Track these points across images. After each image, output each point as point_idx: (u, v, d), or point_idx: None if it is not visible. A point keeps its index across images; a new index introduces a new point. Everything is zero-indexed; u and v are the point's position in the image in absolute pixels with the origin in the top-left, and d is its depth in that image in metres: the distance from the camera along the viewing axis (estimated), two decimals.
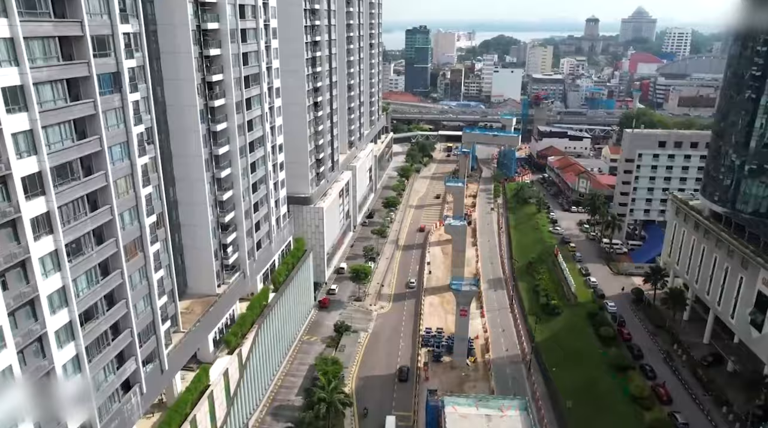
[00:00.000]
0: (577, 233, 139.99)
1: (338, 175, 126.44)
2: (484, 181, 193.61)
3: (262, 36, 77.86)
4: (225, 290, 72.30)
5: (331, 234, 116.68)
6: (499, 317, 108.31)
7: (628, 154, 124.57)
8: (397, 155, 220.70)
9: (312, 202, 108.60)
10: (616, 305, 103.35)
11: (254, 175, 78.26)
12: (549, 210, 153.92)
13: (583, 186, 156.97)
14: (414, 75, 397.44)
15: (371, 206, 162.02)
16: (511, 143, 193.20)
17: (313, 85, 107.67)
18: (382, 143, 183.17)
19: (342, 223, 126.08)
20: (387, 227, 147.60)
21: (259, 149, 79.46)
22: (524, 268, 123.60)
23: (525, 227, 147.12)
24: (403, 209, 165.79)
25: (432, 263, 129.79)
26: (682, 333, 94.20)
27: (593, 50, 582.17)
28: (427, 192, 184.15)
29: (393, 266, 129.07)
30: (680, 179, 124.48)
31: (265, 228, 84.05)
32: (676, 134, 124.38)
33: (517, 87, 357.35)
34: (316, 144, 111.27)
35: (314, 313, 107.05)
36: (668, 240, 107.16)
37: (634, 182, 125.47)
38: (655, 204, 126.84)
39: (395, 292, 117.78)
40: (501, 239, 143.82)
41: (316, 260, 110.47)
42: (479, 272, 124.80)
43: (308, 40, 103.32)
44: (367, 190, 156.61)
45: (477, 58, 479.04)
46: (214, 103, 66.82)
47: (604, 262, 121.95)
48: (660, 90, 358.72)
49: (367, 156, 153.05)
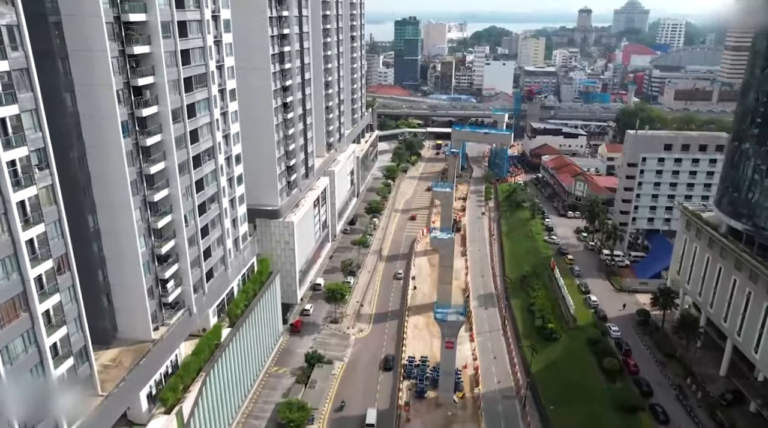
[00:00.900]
0: (574, 242, 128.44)
1: (314, 182, 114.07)
2: (474, 181, 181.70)
3: (210, 29, 65.22)
4: (164, 333, 60.19)
5: (305, 249, 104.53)
6: (490, 341, 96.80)
7: (630, 158, 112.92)
8: (384, 153, 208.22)
9: (281, 215, 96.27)
10: (620, 330, 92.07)
11: (202, 194, 65.90)
12: (544, 216, 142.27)
13: (580, 189, 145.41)
14: (403, 68, 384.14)
15: (353, 212, 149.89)
16: (503, 142, 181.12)
17: (282, 83, 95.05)
18: (366, 142, 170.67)
19: (318, 235, 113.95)
20: (370, 235, 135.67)
21: (207, 162, 67.06)
22: (518, 282, 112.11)
23: (518, 234, 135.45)
24: (388, 214, 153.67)
25: (418, 276, 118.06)
26: (696, 364, 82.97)
27: (586, 42, 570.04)
28: (414, 194, 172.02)
29: (375, 280, 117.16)
30: (687, 184, 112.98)
31: (218, 253, 71.81)
32: (684, 136, 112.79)
33: (509, 80, 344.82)
34: (286, 150, 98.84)
35: (284, 339, 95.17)
36: (677, 256, 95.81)
37: (637, 188, 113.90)
38: (660, 212, 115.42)
39: (376, 312, 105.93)
40: (492, 248, 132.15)
41: (287, 279, 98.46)
42: (468, 287, 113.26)
43: (274, 33, 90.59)
44: (349, 195, 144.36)
45: (468, 50, 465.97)
46: (142, 112, 54.29)
47: (604, 276, 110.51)
48: (655, 83, 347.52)
49: (348, 158, 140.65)
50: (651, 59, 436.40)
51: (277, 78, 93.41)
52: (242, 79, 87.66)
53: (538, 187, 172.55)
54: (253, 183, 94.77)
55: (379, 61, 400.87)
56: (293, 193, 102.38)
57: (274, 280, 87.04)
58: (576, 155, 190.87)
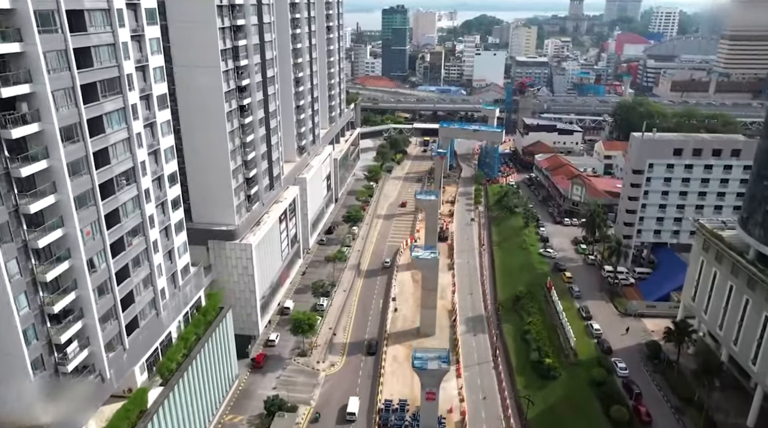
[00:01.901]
0: (572, 255, 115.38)
1: (281, 193, 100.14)
2: (464, 182, 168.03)
3: (123, 22, 51.09)
4: (63, 410, 46.66)
5: (268, 273, 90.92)
6: (479, 375, 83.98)
7: (636, 164, 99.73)
8: (368, 151, 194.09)
9: (238, 235, 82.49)
10: (628, 366, 79.37)
11: (117, 228, 52.18)
12: (538, 223, 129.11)
13: (578, 193, 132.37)
14: (391, 58, 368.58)
15: (331, 220, 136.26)
16: (494, 140, 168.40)
17: (237, 83, 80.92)
18: (346, 141, 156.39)
19: (286, 252, 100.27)
20: (348, 246, 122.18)
21: (126, 188, 53.23)
22: (510, 303, 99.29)
23: (511, 245, 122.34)
24: (370, 220, 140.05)
25: (399, 295, 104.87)
26: (718, 410, 70.53)
27: (578, 30, 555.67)
28: (399, 197, 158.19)
29: (351, 300, 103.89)
30: (699, 194, 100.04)
31: (145, 297, 58.21)
32: (695, 139, 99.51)
33: (500, 71, 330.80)
34: (245, 160, 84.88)
35: (244, 377, 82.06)
36: (691, 279, 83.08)
37: (642, 197, 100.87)
38: (668, 224, 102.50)
39: (351, 340, 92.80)
40: (482, 260, 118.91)
41: (246, 309, 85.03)
42: (455, 308, 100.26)
43: (225, 24, 76.26)
44: (325, 201, 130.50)
45: (458, 40, 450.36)
46: (11, 132, 40.35)
47: (607, 298, 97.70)
48: (649, 73, 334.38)
49: (324, 162, 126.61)
50: (644, 48, 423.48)
51: (231, 77, 79.24)
52: (185, 79, 74.08)
53: (532, 188, 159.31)
54: (205, 200, 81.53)
55: (366, 51, 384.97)
56: (254, 208, 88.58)
57: (227, 315, 73.46)
58: (571, 153, 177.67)
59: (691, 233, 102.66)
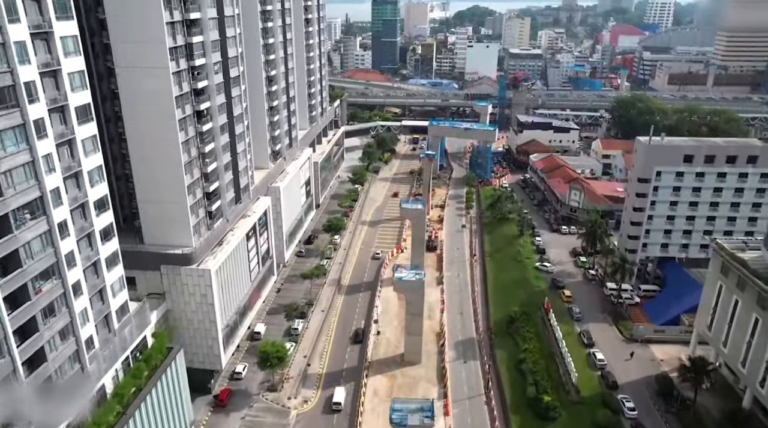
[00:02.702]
0: (571, 268, 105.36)
1: (250, 206, 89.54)
2: (455, 183, 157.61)
3: (16, 15, 40.30)
4: None
5: (233, 298, 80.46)
6: (470, 413, 74.20)
7: (642, 172, 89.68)
8: (354, 150, 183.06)
9: (195, 259, 71.90)
10: (637, 405, 69.67)
11: (18, 275, 41.68)
12: (533, 231, 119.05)
13: (576, 199, 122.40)
14: (382, 50, 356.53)
15: (312, 227, 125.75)
16: (486, 139, 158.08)
17: (192, 86, 70.06)
18: (328, 141, 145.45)
19: (256, 272, 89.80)
20: (329, 258, 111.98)
21: (30, 224, 42.67)
22: (504, 325, 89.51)
23: (504, 256, 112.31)
24: (353, 227, 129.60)
25: (383, 315, 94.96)
26: None
27: (572, 21, 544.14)
28: (385, 201, 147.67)
29: (330, 321, 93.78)
30: (711, 204, 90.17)
31: (64, 351, 47.74)
32: (708, 145, 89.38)
33: (493, 63, 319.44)
34: (203, 172, 74.18)
35: (204, 417, 72.05)
36: (707, 305, 73.39)
37: (649, 208, 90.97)
38: (676, 237, 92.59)
39: (328, 370, 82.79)
40: (474, 273, 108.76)
41: (207, 341, 74.65)
42: (444, 331, 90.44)
43: (175, 18, 65.34)
44: (304, 209, 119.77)
45: (450, 31, 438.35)
46: None
47: (610, 320, 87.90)
48: (646, 66, 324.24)
49: (302, 167, 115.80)
50: (639, 40, 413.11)
51: (184, 79, 68.38)
52: (129, 83, 63.42)
53: (526, 191, 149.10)
54: (157, 220, 70.92)
55: (356, 43, 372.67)
56: (217, 226, 77.98)
57: (177, 357, 63.12)
58: (567, 152, 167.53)
59: (701, 246, 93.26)
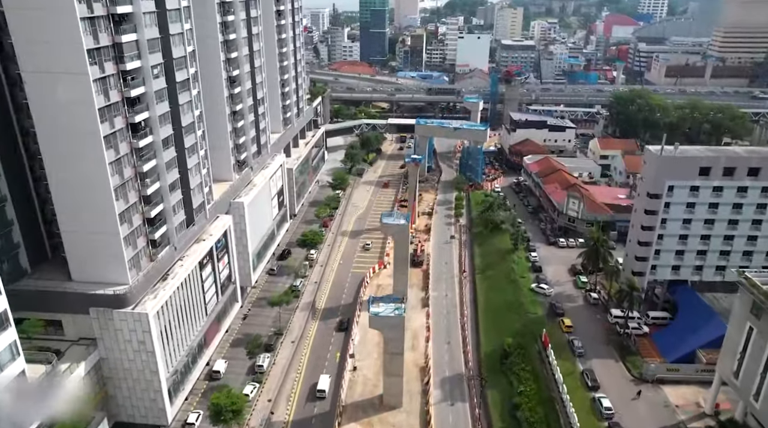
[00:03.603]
0: (570, 290, 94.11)
1: (206, 228, 77.65)
2: (443, 187, 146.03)
3: None
4: None
5: (182, 338, 68.74)
6: None
7: (652, 186, 78.42)
8: (337, 150, 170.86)
9: (131, 301, 60.22)
10: None
11: None
12: (528, 245, 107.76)
13: (575, 208, 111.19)
14: (370, 42, 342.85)
15: (287, 241, 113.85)
16: (477, 139, 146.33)
17: (123, 94, 57.96)
18: (307, 144, 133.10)
19: (213, 302, 77.99)
20: (303, 277, 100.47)
21: None
22: (497, 359, 78.64)
23: (497, 274, 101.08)
24: (333, 239, 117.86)
25: (361, 347, 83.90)
26: None
27: (564, 11, 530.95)
28: (369, 207, 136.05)
29: (300, 355, 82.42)
30: (729, 222, 79.15)
31: None
32: (728, 156, 77.87)
33: (485, 55, 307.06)
34: (142, 195, 62.31)
35: None
36: (732, 347, 62.48)
37: (659, 227, 79.89)
38: (689, 258, 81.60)
39: (295, 417, 71.60)
40: (464, 293, 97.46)
41: (148, 393, 63.09)
42: (429, 364, 79.43)
43: (96, 13, 53.06)
44: (276, 223, 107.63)
45: (441, 21, 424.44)
46: None
47: (616, 355, 76.81)
48: (641, 58, 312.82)
49: (274, 176, 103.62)
50: (633, 30, 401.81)
51: (112, 86, 56.25)
52: (40, 91, 51.44)
53: (520, 196, 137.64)
54: (86, 253, 59.42)
55: (343, 34, 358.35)
56: (162, 256, 66.19)
57: None
58: (564, 152, 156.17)
59: (716, 268, 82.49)
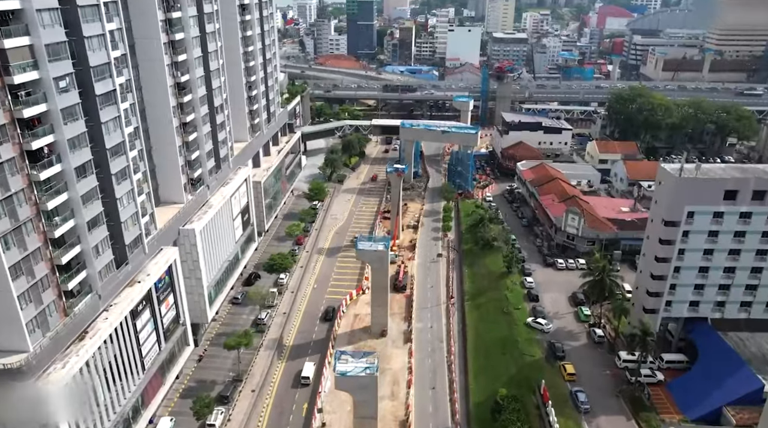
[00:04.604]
0: (571, 325, 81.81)
1: (145, 264, 64.78)
2: (431, 195, 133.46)
3: None
4: None
5: (108, 406, 56.11)
6: None
7: (668, 212, 66.38)
8: (318, 153, 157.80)
9: (32, 373, 47.60)
10: None
11: None
12: (523, 268, 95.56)
13: (574, 225, 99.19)
14: (357, 34, 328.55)
15: (254, 263, 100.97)
16: (467, 143, 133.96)
17: (14, 114, 44.97)
18: (280, 151, 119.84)
19: (154, 352, 65.30)
20: (270, 307, 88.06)
21: None
22: (488, 414, 66.66)
23: (488, 302, 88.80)
24: (307, 259, 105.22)
25: (331, 398, 71.56)
26: None
27: (557, 2, 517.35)
28: (350, 218, 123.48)
29: (260, 406, 70.13)
30: (758, 253, 67.35)
31: None
32: (757, 177, 65.81)
33: (476, 48, 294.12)
34: (48, 237, 49.39)
35: None
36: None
37: (676, 258, 68.07)
38: (710, 293, 69.88)
39: None
40: (451, 324, 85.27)
41: None
42: (410, 418, 67.45)
43: None
44: (241, 245, 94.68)
45: (432, 13, 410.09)
46: None
47: (627, 411, 64.91)
48: (638, 51, 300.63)
49: (235, 194, 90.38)
50: (628, 22, 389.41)
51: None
52: None
53: (513, 206, 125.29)
54: None
55: (330, 27, 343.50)
56: (78, 310, 53.43)
57: None
58: (560, 156, 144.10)
59: (741, 304, 70.79)
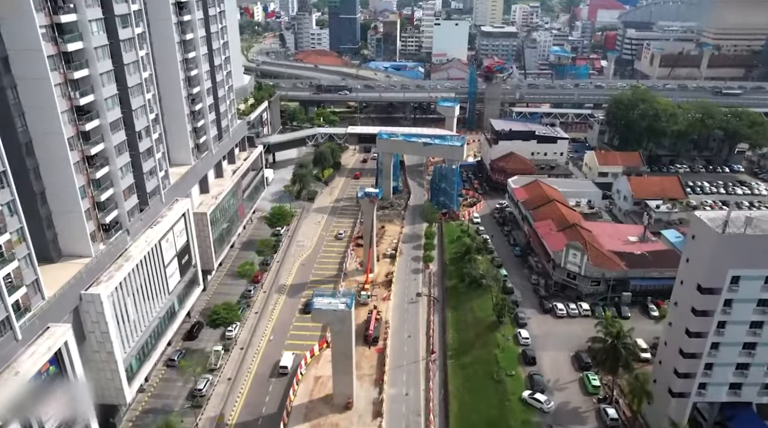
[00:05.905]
0: (576, 400, 65.70)
1: (36, 340, 48.05)
2: (411, 215, 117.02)
3: None
4: None
5: None
6: None
7: (706, 277, 50.53)
8: (288, 165, 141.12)
9: None
10: None
11: None
12: (516, 317, 79.75)
13: (576, 262, 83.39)
14: (340, 28, 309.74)
15: (198, 311, 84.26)
16: (452, 157, 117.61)
17: None
18: (235, 172, 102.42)
19: None
20: (212, 370, 71.74)
21: None
22: None
23: (475, 363, 72.74)
24: (264, 300, 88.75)
25: None
26: None
27: None
28: (320, 243, 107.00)
29: None
30: None
31: None
32: None
33: (464, 43, 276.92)
34: None
35: None
36: None
37: (714, 333, 52.61)
38: (757, 374, 54.64)
39: None
40: (431, 391, 69.29)
41: None
42: None
43: None
44: (179, 294, 77.24)
45: (418, 5, 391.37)
46: None
47: None
48: (632, 45, 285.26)
49: (167, 235, 72.92)
50: (619, 14, 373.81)
51: None
52: None
53: (504, 229, 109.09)
54: None
55: (311, 20, 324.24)
56: None
57: None
58: (555, 169, 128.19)
59: None
